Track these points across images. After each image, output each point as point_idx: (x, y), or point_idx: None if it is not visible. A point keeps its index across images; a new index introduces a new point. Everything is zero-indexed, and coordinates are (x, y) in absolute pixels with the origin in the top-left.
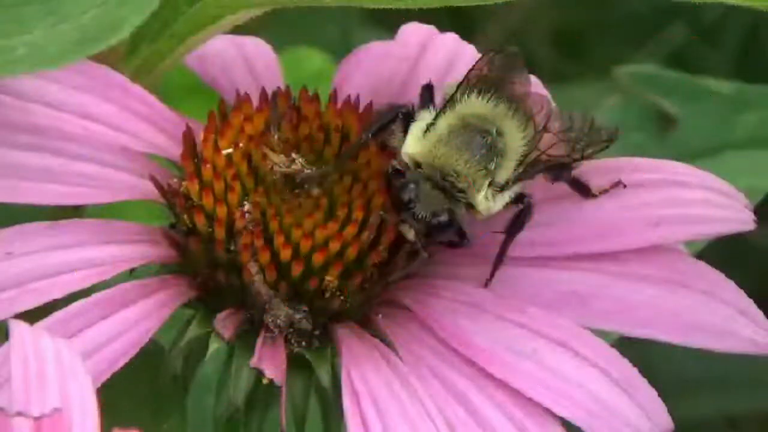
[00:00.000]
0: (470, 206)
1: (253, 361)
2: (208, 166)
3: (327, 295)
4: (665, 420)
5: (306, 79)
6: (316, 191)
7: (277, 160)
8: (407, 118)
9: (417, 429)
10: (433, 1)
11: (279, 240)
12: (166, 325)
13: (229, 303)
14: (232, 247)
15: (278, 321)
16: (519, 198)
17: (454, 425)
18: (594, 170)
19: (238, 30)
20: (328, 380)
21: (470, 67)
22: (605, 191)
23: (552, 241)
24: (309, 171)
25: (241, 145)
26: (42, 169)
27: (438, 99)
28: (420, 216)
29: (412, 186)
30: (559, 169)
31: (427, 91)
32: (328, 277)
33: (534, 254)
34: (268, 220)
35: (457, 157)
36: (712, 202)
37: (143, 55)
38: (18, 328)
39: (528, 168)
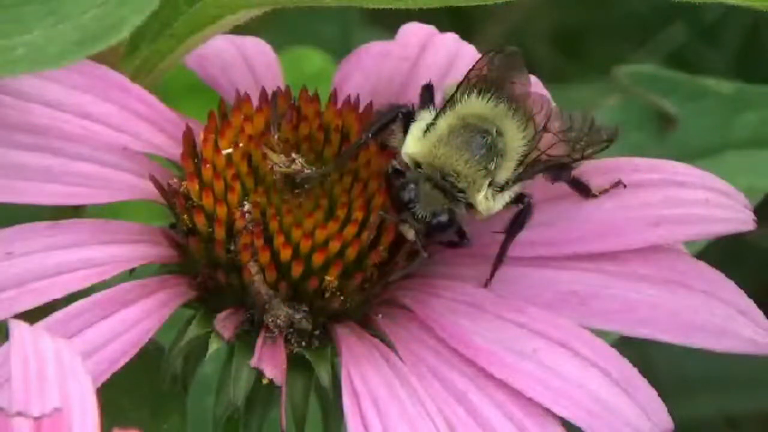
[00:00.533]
0: (470, 206)
1: (253, 361)
2: (208, 166)
3: (327, 295)
4: (665, 420)
5: (306, 79)
6: (316, 191)
7: (277, 160)
8: (407, 118)
9: (417, 429)
10: (433, 1)
11: (279, 240)
12: (166, 325)
13: (229, 303)
14: (232, 247)
15: (278, 321)
16: (519, 198)
17: (454, 425)
18: (594, 170)
19: (238, 30)
20: (328, 380)
21: (470, 67)
22: (605, 191)
23: (552, 241)
24: (309, 171)
25: (241, 145)
26: (42, 169)
27: (438, 99)
28: (420, 216)
29: (412, 186)
30: (559, 169)
31: (427, 91)
32: (328, 277)
33: (534, 254)
34: (268, 220)
35: (457, 157)
36: (712, 202)
37: (143, 55)
38: (18, 328)
39: (528, 168)
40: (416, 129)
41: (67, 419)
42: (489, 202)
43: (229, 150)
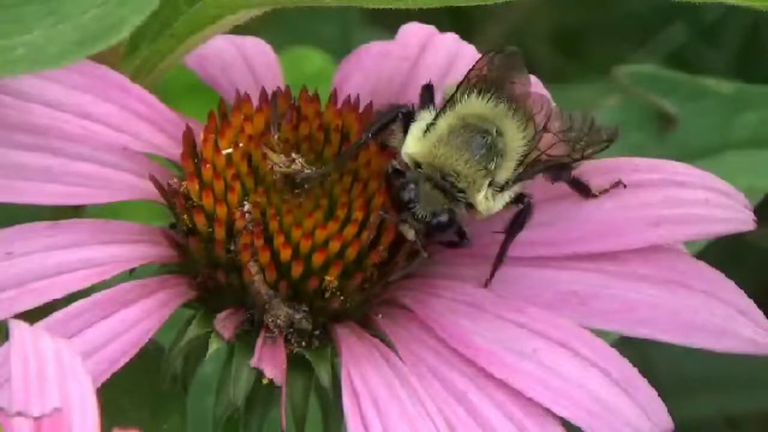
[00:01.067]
0: (470, 206)
1: (253, 361)
2: (208, 166)
3: (327, 295)
4: (665, 420)
5: (306, 79)
6: (316, 191)
7: (277, 160)
8: (407, 118)
9: (417, 429)
10: (433, 1)
11: (279, 240)
12: (166, 325)
13: (229, 303)
14: (232, 247)
15: (278, 321)
16: (519, 198)
17: (454, 425)
18: (594, 170)
19: (238, 30)
20: (328, 380)
21: (470, 67)
22: (605, 191)
23: (552, 241)
24: (309, 171)
25: (241, 145)
26: (42, 169)
27: (438, 99)
28: (420, 216)
29: (412, 186)
30: (559, 169)
31: (427, 91)
32: (328, 277)
33: (534, 254)
34: (268, 220)
35: (457, 157)
36: (712, 202)
37: (143, 55)
38: (18, 328)
39: (528, 168)
40: (416, 129)
41: (67, 419)
42: (489, 202)
43: (229, 150)
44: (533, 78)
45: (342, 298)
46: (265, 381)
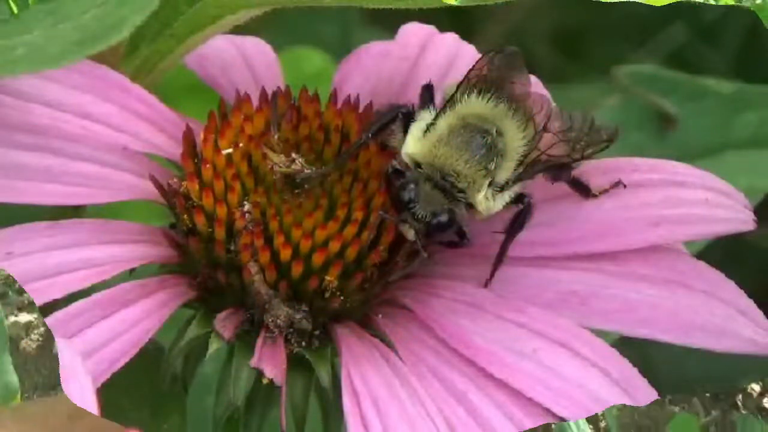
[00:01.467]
0: (470, 206)
1: (253, 361)
2: (208, 166)
3: (327, 295)
4: None
5: (306, 79)
6: (316, 191)
7: (277, 160)
8: (407, 118)
9: (417, 429)
10: (433, 1)
11: (279, 240)
12: (166, 325)
13: (229, 303)
14: (232, 247)
15: (278, 321)
16: (519, 198)
17: (454, 425)
18: (594, 170)
19: (238, 30)
20: (328, 380)
21: (470, 67)
22: (605, 191)
23: (552, 241)
24: (309, 171)
25: (241, 145)
26: (42, 169)
27: (438, 99)
28: (420, 216)
29: (412, 186)
30: (559, 169)
31: (427, 91)
32: (328, 277)
33: (534, 254)
34: (268, 220)
35: (457, 156)
36: (712, 202)
37: (143, 55)
38: None
39: (528, 168)
40: (416, 129)
41: None
42: (489, 202)
43: (229, 150)
44: (533, 78)
45: (342, 298)
46: (265, 381)
